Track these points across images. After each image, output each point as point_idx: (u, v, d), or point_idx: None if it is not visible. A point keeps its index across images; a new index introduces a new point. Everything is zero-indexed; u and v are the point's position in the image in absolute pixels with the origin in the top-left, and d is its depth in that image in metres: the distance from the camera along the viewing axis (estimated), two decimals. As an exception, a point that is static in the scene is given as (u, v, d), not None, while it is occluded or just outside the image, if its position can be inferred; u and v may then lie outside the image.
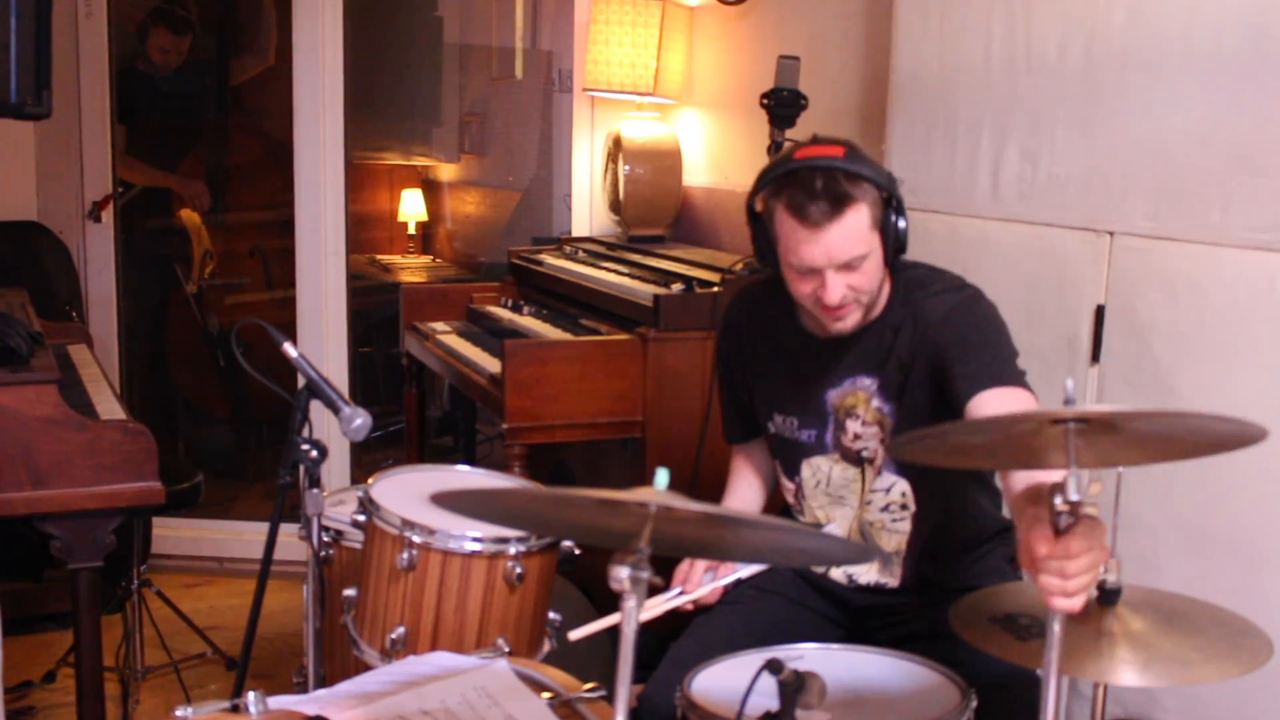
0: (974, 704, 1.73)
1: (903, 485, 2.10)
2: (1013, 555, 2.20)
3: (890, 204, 1.99)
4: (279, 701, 1.67)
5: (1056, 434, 1.39)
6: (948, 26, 2.51)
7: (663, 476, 1.27)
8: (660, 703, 1.91)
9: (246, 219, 5.29)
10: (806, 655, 1.89)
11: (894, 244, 2.00)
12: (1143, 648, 1.47)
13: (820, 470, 2.15)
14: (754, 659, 1.87)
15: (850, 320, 2.03)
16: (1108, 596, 1.55)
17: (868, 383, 2.09)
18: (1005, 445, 1.48)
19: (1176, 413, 1.43)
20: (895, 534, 2.13)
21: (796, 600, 2.19)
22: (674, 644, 2.09)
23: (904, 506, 2.11)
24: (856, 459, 2.12)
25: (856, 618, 2.18)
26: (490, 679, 1.81)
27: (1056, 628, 1.38)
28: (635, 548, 1.24)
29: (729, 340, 2.30)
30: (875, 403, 2.08)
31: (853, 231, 1.94)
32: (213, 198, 5.09)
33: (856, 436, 2.10)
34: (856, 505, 2.14)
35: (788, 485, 2.22)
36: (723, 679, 1.81)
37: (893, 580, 2.14)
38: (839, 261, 1.95)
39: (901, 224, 1.99)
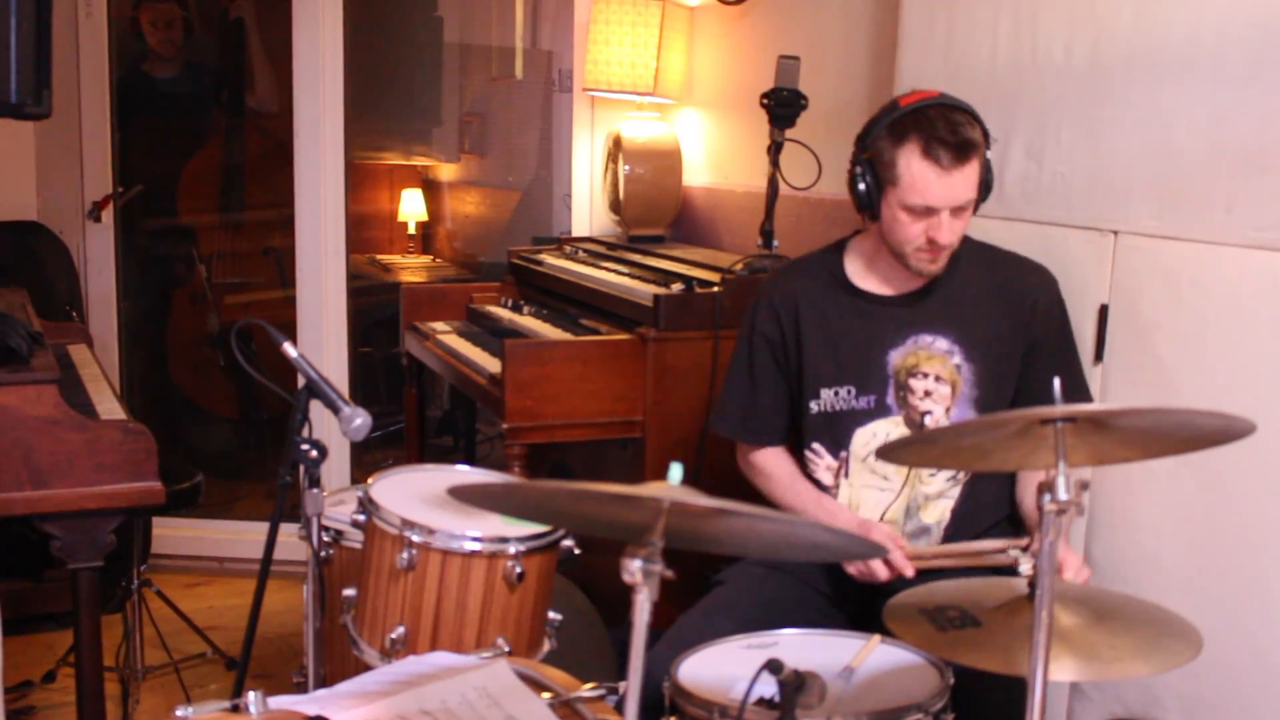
0: (951, 682, 1.75)
1: None
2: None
3: (988, 159, 2.12)
4: (279, 702, 1.67)
5: (1046, 433, 1.40)
6: (954, 26, 2.50)
7: (676, 471, 1.28)
8: (654, 676, 1.90)
9: (257, 217, 5.28)
10: (783, 640, 1.92)
11: (982, 196, 2.12)
12: (1063, 642, 1.47)
13: (877, 437, 2.17)
14: (738, 645, 1.89)
15: (941, 262, 2.13)
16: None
17: (929, 340, 2.16)
18: (996, 446, 1.49)
19: (1161, 409, 1.43)
20: (945, 499, 2.17)
21: (803, 580, 2.21)
22: (681, 616, 2.10)
23: (954, 476, 2.16)
24: (919, 423, 2.14)
25: (866, 596, 2.17)
26: (490, 679, 1.80)
27: (1044, 615, 1.39)
28: (648, 541, 1.25)
29: (770, 318, 2.28)
30: (955, 360, 2.15)
31: (972, 177, 2.07)
32: (224, 196, 5.10)
33: (926, 394, 2.13)
34: (900, 483, 2.15)
35: (830, 464, 2.22)
36: (707, 666, 1.82)
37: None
38: (957, 204, 2.06)
39: (990, 182, 2.13)
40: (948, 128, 2.02)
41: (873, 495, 2.18)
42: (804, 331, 2.24)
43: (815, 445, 2.23)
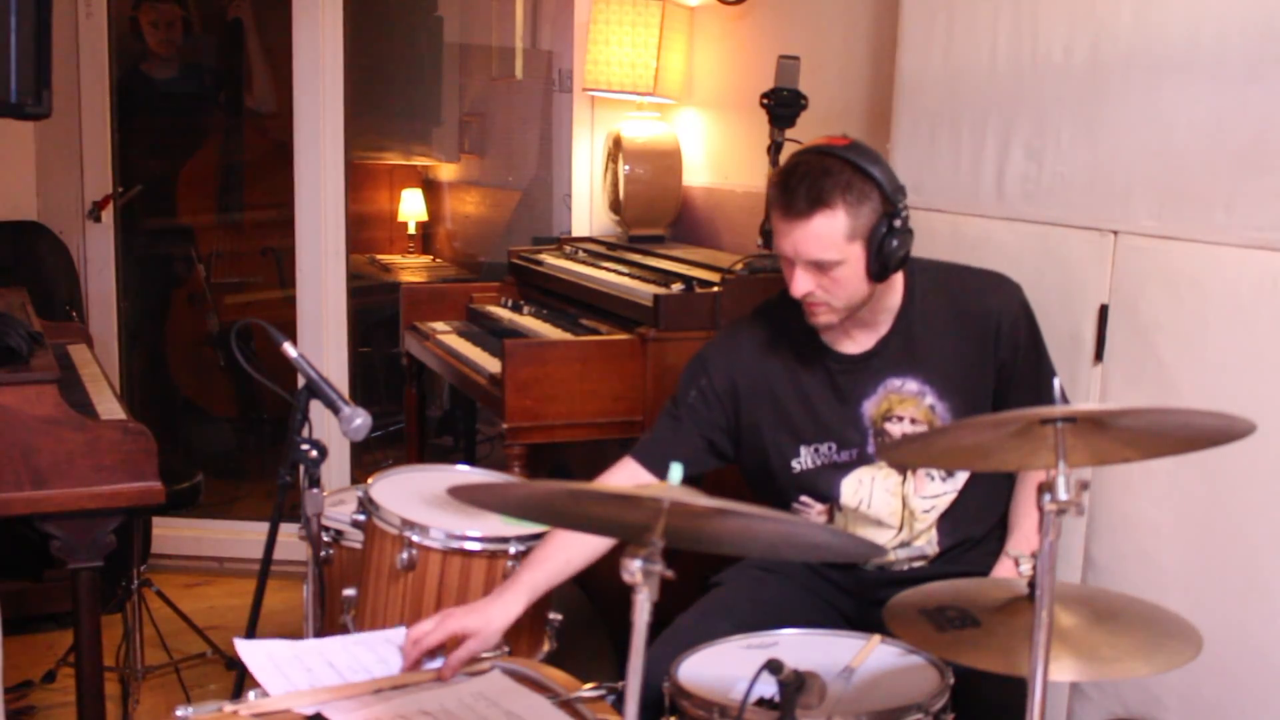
0: (951, 682, 1.75)
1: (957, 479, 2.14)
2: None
3: (888, 219, 1.98)
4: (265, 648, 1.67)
5: (1046, 433, 1.40)
6: (954, 26, 2.50)
7: (676, 472, 1.28)
8: (654, 676, 1.91)
9: (255, 217, 5.29)
10: (783, 640, 1.91)
11: (877, 261, 1.99)
12: (1063, 642, 1.47)
13: (864, 484, 2.14)
14: (738, 645, 1.89)
15: (823, 318, 2.06)
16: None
17: (898, 383, 2.11)
18: (996, 446, 1.49)
19: (1161, 409, 1.43)
20: (945, 495, 2.15)
21: (801, 583, 2.20)
22: (679, 616, 2.08)
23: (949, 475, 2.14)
24: (902, 465, 2.12)
25: (865, 597, 2.17)
26: (486, 685, 1.81)
27: (1044, 615, 1.39)
28: (648, 541, 1.25)
29: (720, 377, 2.17)
30: (928, 400, 2.11)
31: (826, 233, 1.97)
32: (224, 196, 5.10)
33: (904, 436, 2.10)
34: (897, 521, 2.15)
35: (820, 509, 2.18)
36: (707, 666, 1.82)
37: (932, 549, 2.15)
38: (805, 259, 1.99)
39: (894, 243, 1.99)
40: (803, 176, 1.96)
41: (870, 533, 2.17)
42: (765, 395, 2.16)
43: (803, 498, 2.18)
